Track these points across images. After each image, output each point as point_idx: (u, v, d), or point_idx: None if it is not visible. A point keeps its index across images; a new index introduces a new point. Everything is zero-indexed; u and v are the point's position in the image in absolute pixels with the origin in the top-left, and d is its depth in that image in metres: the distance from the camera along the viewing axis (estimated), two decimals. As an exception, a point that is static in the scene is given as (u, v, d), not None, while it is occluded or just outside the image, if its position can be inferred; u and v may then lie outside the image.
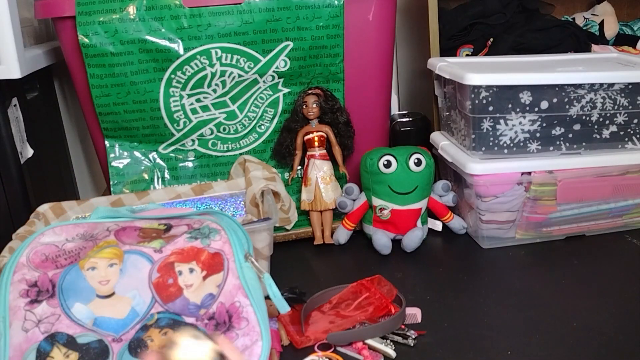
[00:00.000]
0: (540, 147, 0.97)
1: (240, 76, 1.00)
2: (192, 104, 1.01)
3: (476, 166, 0.95)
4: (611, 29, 1.32)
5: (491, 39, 1.21)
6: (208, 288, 0.63)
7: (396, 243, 1.01)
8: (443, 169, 1.11)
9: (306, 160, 1.05)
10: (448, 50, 1.22)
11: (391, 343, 0.74)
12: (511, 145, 0.96)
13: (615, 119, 0.98)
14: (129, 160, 1.06)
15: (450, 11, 1.24)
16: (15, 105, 1.04)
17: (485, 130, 0.95)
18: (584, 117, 0.97)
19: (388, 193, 0.98)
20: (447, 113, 1.09)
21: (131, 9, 0.94)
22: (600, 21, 1.31)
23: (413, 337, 0.74)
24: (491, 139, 0.96)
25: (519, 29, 1.19)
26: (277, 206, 0.95)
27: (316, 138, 1.03)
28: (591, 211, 0.99)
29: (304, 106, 1.02)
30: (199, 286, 0.63)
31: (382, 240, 0.98)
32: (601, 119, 0.97)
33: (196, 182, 1.05)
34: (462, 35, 1.23)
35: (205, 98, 1.01)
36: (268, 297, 0.65)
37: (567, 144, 0.98)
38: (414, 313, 0.80)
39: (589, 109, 0.96)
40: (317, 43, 0.99)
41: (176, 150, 1.06)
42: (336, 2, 0.97)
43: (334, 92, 1.03)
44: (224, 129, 1.05)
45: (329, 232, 1.05)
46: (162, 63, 0.97)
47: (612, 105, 0.96)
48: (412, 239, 0.97)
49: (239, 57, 0.98)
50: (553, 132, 0.97)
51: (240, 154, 1.07)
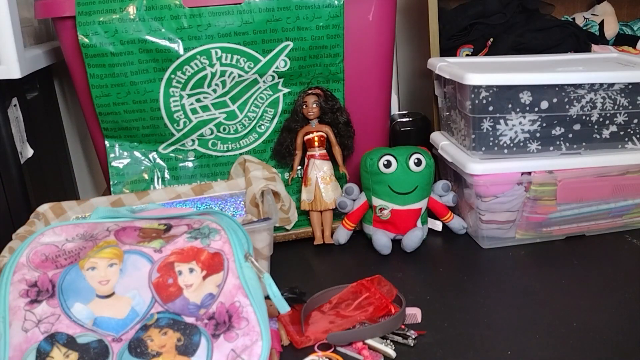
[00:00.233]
0: (540, 147, 0.97)
1: (240, 76, 1.00)
2: (192, 104, 1.01)
3: (476, 166, 0.95)
4: (611, 29, 1.32)
5: (491, 39, 1.21)
6: (208, 288, 0.63)
7: (396, 243, 1.01)
8: (443, 169, 1.11)
9: (306, 160, 1.05)
10: (448, 50, 1.22)
11: (391, 343, 0.74)
12: (511, 145, 0.96)
13: (615, 119, 0.98)
14: (129, 160, 1.06)
15: (450, 11, 1.24)
16: (15, 105, 1.04)
17: (485, 130, 0.95)
18: (584, 117, 0.97)
19: (388, 193, 0.98)
20: (447, 113, 1.09)
21: (131, 9, 0.94)
22: (600, 21, 1.31)
23: (413, 337, 0.74)
24: (491, 139, 0.96)
25: (519, 29, 1.19)
26: (277, 206, 0.95)
27: (316, 138, 1.03)
28: (591, 211, 0.99)
29: (304, 106, 1.02)
30: (199, 286, 0.63)
31: (382, 240, 0.98)
32: (601, 119, 0.97)
33: (196, 182, 1.05)
34: (462, 35, 1.23)
35: (205, 98, 1.01)
36: (268, 297, 0.65)
37: (567, 144, 0.98)
38: (414, 313, 0.80)
39: (589, 109, 0.96)
40: (317, 43, 0.99)
41: (176, 150, 1.06)
42: (336, 2, 0.97)
43: (334, 92, 1.03)
44: (224, 129, 1.05)
45: (329, 232, 1.05)
46: (162, 63, 0.97)
47: (612, 105, 0.96)
48: (412, 239, 0.97)
49: (239, 57, 0.98)
50: (553, 132, 0.97)
51: (240, 154, 1.07)
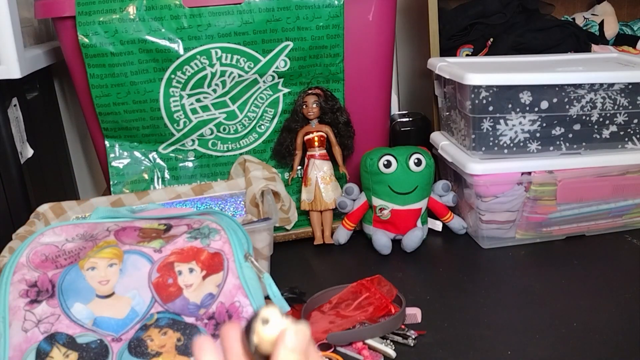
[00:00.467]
0: (540, 147, 0.97)
1: (240, 76, 1.00)
2: (192, 104, 1.01)
3: (476, 166, 0.95)
4: (611, 29, 1.31)
5: (491, 39, 1.21)
6: (208, 288, 0.63)
7: (396, 243, 1.01)
8: (443, 169, 1.11)
9: (306, 160, 1.05)
10: (448, 50, 1.22)
11: (391, 343, 0.74)
12: (511, 145, 0.96)
13: (615, 119, 0.97)
14: (129, 160, 1.06)
15: (450, 11, 1.24)
16: (15, 105, 1.04)
17: (485, 130, 0.95)
18: (584, 117, 0.97)
19: (388, 193, 0.98)
20: (447, 113, 1.09)
21: (131, 9, 0.94)
22: (600, 21, 1.31)
23: (413, 337, 0.74)
24: (491, 139, 0.96)
25: (519, 29, 1.19)
26: (277, 206, 0.95)
27: (316, 138, 1.03)
28: (591, 211, 0.99)
29: (304, 106, 1.02)
30: (199, 286, 0.63)
31: (382, 240, 0.98)
32: (601, 119, 0.97)
33: (196, 182, 1.05)
34: (462, 35, 1.23)
35: (205, 98, 1.01)
36: (268, 297, 0.65)
37: (567, 144, 0.98)
38: (414, 313, 0.80)
39: (589, 109, 0.96)
40: (317, 43, 0.99)
41: (176, 150, 1.06)
42: (336, 2, 0.97)
43: (334, 92, 1.03)
44: (224, 129, 1.05)
45: (329, 232, 1.05)
46: (162, 63, 0.97)
47: (612, 105, 0.96)
48: (412, 239, 0.97)
49: (239, 57, 0.98)
50: (553, 132, 0.97)
51: (240, 154, 1.07)
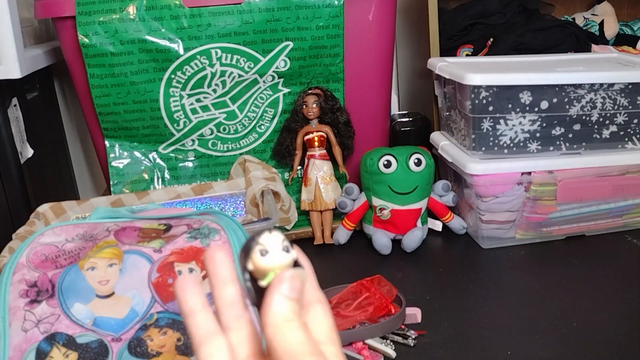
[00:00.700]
0: (540, 147, 0.97)
1: (240, 76, 1.00)
2: (192, 104, 1.01)
3: (476, 166, 0.95)
4: (611, 29, 1.31)
5: (491, 39, 1.21)
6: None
7: (396, 243, 1.01)
8: (443, 169, 1.11)
9: (306, 160, 1.05)
10: (448, 50, 1.22)
11: (391, 343, 0.74)
12: (511, 145, 0.96)
13: (615, 119, 0.97)
14: (129, 160, 1.06)
15: (450, 11, 1.24)
16: (15, 105, 1.04)
17: (485, 130, 0.95)
18: (584, 117, 0.97)
19: (388, 193, 0.98)
20: (447, 113, 1.09)
21: (131, 9, 0.94)
22: (600, 21, 1.31)
23: (413, 337, 0.74)
24: (491, 139, 0.96)
25: (519, 29, 1.19)
26: (277, 206, 0.95)
27: (316, 138, 1.03)
28: (591, 211, 0.99)
29: (304, 106, 1.02)
30: (199, 286, 0.62)
31: (382, 240, 0.98)
32: (601, 119, 0.97)
33: (196, 182, 1.05)
34: (462, 35, 1.23)
35: (205, 98, 1.01)
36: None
37: (567, 144, 0.98)
38: (414, 313, 0.80)
39: (589, 109, 0.96)
40: (317, 43, 0.99)
41: (176, 150, 1.06)
42: (336, 2, 0.97)
43: (334, 92, 1.03)
44: (224, 129, 1.05)
45: (329, 232, 1.05)
46: (162, 63, 0.97)
47: (612, 105, 0.96)
48: (412, 239, 0.97)
49: (239, 57, 0.98)
50: (553, 132, 0.97)
51: (240, 154, 1.07)
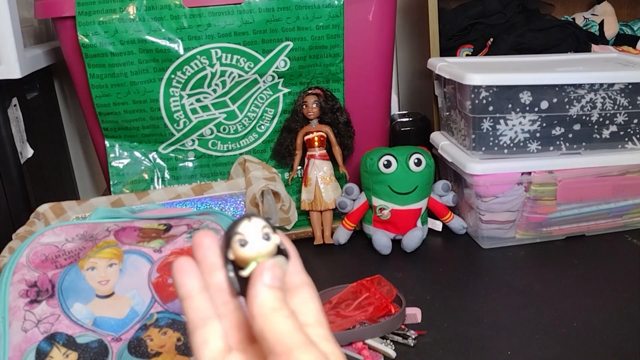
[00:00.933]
0: (540, 147, 0.97)
1: (240, 76, 1.00)
2: (192, 104, 1.01)
3: (476, 166, 0.95)
4: (611, 29, 1.31)
5: (491, 39, 1.21)
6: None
7: (396, 243, 1.01)
8: (443, 169, 1.11)
9: (306, 160, 1.05)
10: (448, 50, 1.22)
11: (391, 343, 0.74)
12: (511, 145, 0.96)
13: (615, 119, 0.97)
14: (129, 160, 1.06)
15: (450, 11, 1.24)
16: (15, 105, 1.04)
17: (485, 130, 0.95)
18: (584, 117, 0.97)
19: (388, 193, 0.98)
20: (447, 113, 1.09)
21: (131, 9, 0.94)
22: (600, 21, 1.31)
23: (413, 337, 0.74)
24: (491, 139, 0.96)
25: (519, 29, 1.19)
26: (277, 206, 0.95)
27: (316, 138, 1.03)
28: (591, 211, 0.99)
29: (304, 106, 1.02)
30: (199, 286, 0.62)
31: (382, 240, 0.98)
32: (601, 119, 0.97)
33: (196, 182, 1.05)
34: (462, 35, 1.23)
35: (205, 98, 1.01)
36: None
37: (567, 144, 0.98)
38: (414, 313, 0.80)
39: (589, 109, 0.96)
40: (317, 43, 0.99)
41: (176, 150, 1.06)
42: (336, 2, 0.97)
43: (334, 92, 1.03)
44: (224, 129, 1.05)
45: (329, 232, 1.05)
46: (162, 63, 0.97)
47: (612, 105, 0.96)
48: (412, 239, 0.97)
49: (239, 57, 0.98)
50: (553, 132, 0.97)
51: (240, 154, 1.07)
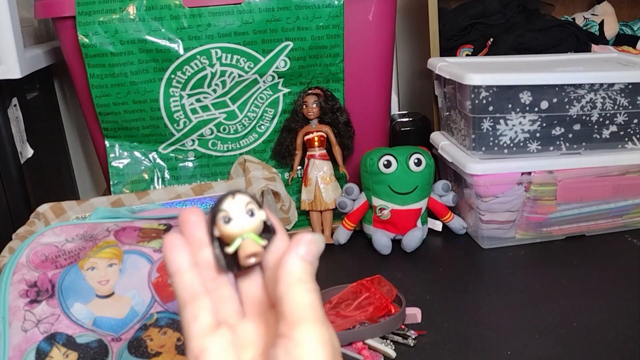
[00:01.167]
0: (540, 147, 0.97)
1: (240, 76, 1.00)
2: (192, 104, 1.01)
3: (476, 166, 0.95)
4: (611, 29, 1.31)
5: (491, 39, 1.21)
6: None
7: (396, 243, 1.01)
8: (443, 169, 1.11)
9: (306, 160, 1.05)
10: (448, 50, 1.22)
11: (391, 343, 0.74)
12: (511, 145, 0.96)
13: (615, 119, 0.97)
14: (129, 160, 1.06)
15: (450, 11, 1.24)
16: (15, 105, 1.04)
17: (485, 130, 0.95)
18: (584, 117, 0.97)
19: (388, 193, 0.98)
20: (447, 113, 1.09)
21: (131, 9, 0.94)
22: (600, 21, 1.31)
23: (413, 337, 0.74)
24: (491, 139, 0.96)
25: (519, 29, 1.19)
26: (277, 206, 0.95)
27: (316, 138, 1.03)
28: (591, 211, 0.99)
29: (304, 106, 1.02)
30: (199, 286, 0.62)
31: (382, 240, 0.98)
32: (601, 119, 0.97)
33: (196, 182, 1.05)
34: (462, 35, 1.23)
35: (205, 98, 1.01)
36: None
37: (567, 144, 0.98)
38: (414, 313, 0.80)
39: (589, 109, 0.96)
40: (317, 43, 0.99)
41: (176, 150, 1.06)
42: (336, 2, 0.97)
43: (334, 92, 1.03)
44: (224, 129, 1.05)
45: (329, 232, 1.05)
46: (162, 63, 0.97)
47: (612, 105, 0.96)
48: (412, 239, 0.97)
49: (239, 57, 0.98)
50: (553, 132, 0.97)
51: (240, 154, 1.07)
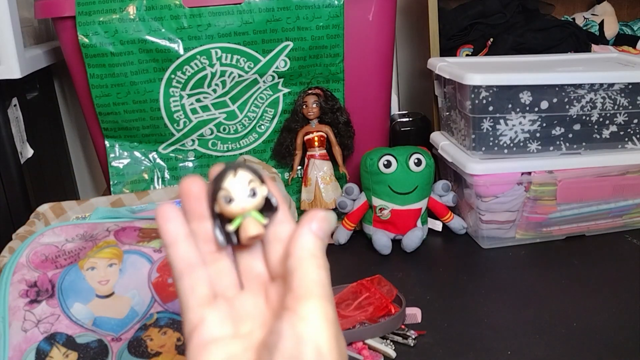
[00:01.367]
0: (540, 147, 0.97)
1: (240, 76, 1.00)
2: (192, 104, 1.01)
3: (476, 166, 0.95)
4: (611, 29, 1.31)
5: (491, 39, 1.21)
6: None
7: (396, 243, 1.01)
8: (443, 169, 1.11)
9: (306, 160, 1.05)
10: (448, 50, 1.22)
11: (391, 343, 0.74)
12: (511, 145, 0.96)
13: (615, 119, 0.97)
14: (129, 160, 1.06)
15: (450, 11, 1.24)
16: (15, 105, 1.04)
17: (485, 130, 0.95)
18: (584, 117, 0.97)
19: (388, 193, 0.98)
20: (447, 113, 1.09)
21: (131, 9, 0.94)
22: (600, 21, 1.31)
23: (413, 337, 0.74)
24: (491, 139, 0.96)
25: (519, 29, 1.19)
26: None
27: (316, 138, 1.03)
28: (591, 211, 0.99)
29: (304, 106, 1.02)
30: (199, 286, 0.62)
31: (382, 240, 0.98)
32: (601, 119, 0.97)
33: (196, 182, 1.05)
34: (462, 35, 1.23)
35: (205, 98, 1.01)
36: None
37: (567, 144, 0.98)
38: (414, 313, 0.80)
39: (589, 109, 0.96)
40: (317, 43, 0.99)
41: (176, 150, 1.06)
42: (336, 2, 0.97)
43: (334, 92, 1.03)
44: (224, 129, 1.05)
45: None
46: (162, 63, 0.97)
47: (612, 105, 0.96)
48: (412, 239, 0.97)
49: (239, 57, 0.98)
50: (553, 132, 0.97)
51: (240, 154, 1.07)
